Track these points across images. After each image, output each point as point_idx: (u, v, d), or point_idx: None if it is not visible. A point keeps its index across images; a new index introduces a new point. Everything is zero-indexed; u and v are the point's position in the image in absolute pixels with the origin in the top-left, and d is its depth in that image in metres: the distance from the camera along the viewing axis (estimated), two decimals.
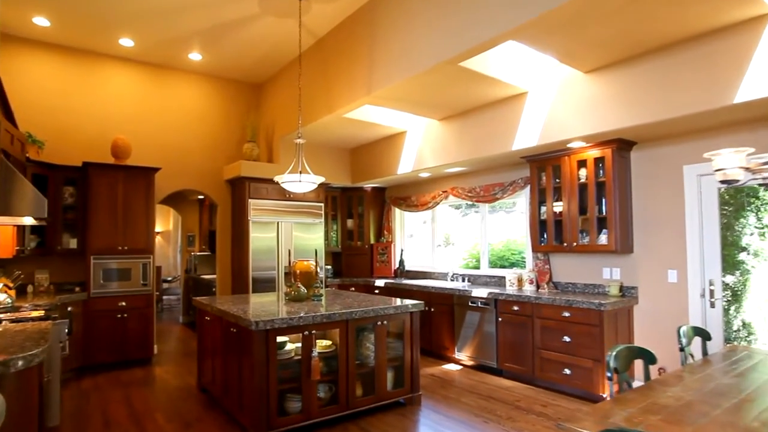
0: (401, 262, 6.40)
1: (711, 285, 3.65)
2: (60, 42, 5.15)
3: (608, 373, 2.01)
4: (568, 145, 4.12)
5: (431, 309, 5.26)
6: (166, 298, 9.91)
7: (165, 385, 4.35)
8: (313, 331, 3.18)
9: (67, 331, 2.98)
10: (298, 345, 3.33)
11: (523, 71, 3.92)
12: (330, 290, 4.82)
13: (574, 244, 4.18)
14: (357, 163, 6.54)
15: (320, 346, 3.38)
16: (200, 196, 8.37)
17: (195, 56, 5.57)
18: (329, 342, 3.49)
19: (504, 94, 4.30)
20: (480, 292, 4.72)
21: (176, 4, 4.41)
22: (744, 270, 3.56)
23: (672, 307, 3.79)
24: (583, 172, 4.21)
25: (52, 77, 5.17)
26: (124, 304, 4.94)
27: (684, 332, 2.59)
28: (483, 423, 3.36)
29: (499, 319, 4.52)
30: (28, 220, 3.71)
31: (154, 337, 5.20)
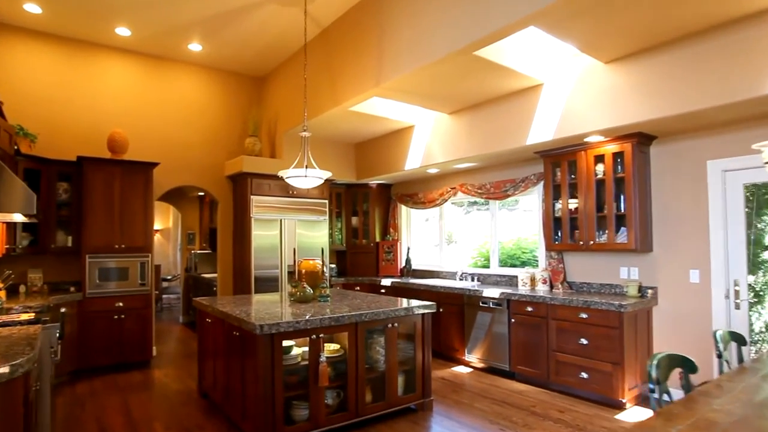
0: (408, 260, 6.23)
1: (736, 285, 3.48)
2: (53, 31, 4.94)
3: (650, 384, 1.83)
4: (586, 139, 3.94)
5: (440, 309, 5.09)
6: (166, 297, 9.73)
7: (164, 389, 4.17)
8: (320, 335, 3.00)
9: (58, 334, 2.80)
10: (305, 349, 3.15)
11: (539, 62, 3.74)
12: (335, 290, 4.64)
13: (591, 243, 4.01)
14: (362, 158, 6.35)
15: (328, 350, 3.21)
16: (200, 193, 8.18)
17: (195, 47, 5.37)
18: (337, 346, 3.32)
19: (518, 86, 4.12)
20: (491, 292, 4.55)
21: None
22: (767, 269, 3.39)
23: (694, 309, 3.62)
24: (600, 167, 4.03)
25: (46, 68, 4.97)
26: (121, 304, 4.76)
27: (721, 337, 2.41)
28: (499, 430, 3.19)
29: (512, 320, 4.35)
30: (18, 217, 3.53)
31: (152, 339, 5.02)
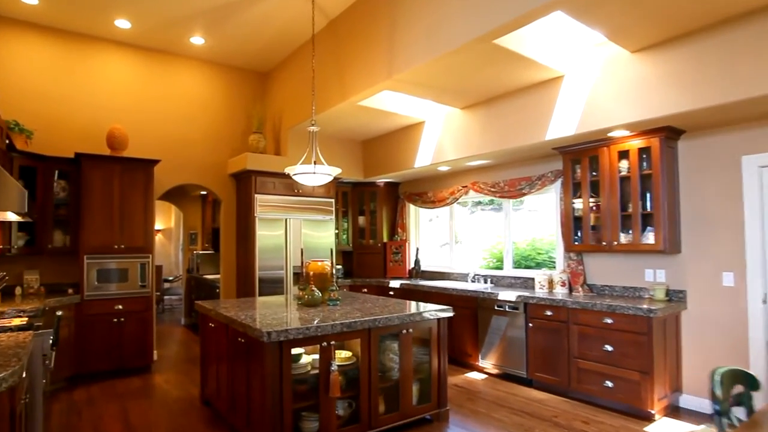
0: (417, 261, 6.03)
1: None
2: (50, 23, 4.76)
3: (715, 405, 1.62)
4: (610, 134, 3.73)
5: (452, 312, 4.87)
6: (168, 298, 9.55)
7: (165, 396, 3.98)
8: (332, 342, 2.80)
9: (51, 341, 2.61)
10: (315, 357, 2.96)
11: (560, 53, 3.54)
12: (343, 293, 4.44)
13: (615, 243, 3.79)
14: (370, 156, 6.15)
15: (339, 357, 3.01)
16: (203, 192, 7.99)
17: (197, 40, 5.18)
18: (349, 353, 3.12)
19: (537, 78, 3.91)
20: (507, 295, 4.34)
21: None
22: None
23: (728, 314, 3.41)
24: (624, 164, 3.82)
25: (42, 61, 4.79)
26: (120, 307, 4.57)
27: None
28: None
29: (530, 324, 4.14)
30: (12, 216, 3.35)
31: (153, 343, 4.83)
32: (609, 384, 3.51)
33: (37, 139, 4.62)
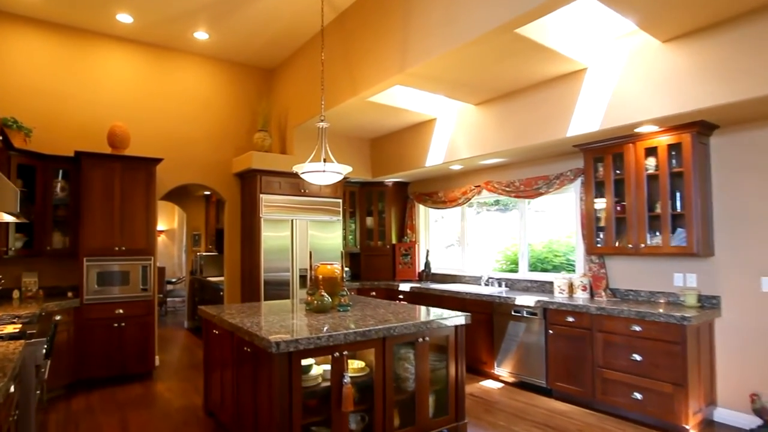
0: (427, 264, 5.82)
1: None
2: (50, 18, 4.60)
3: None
4: (637, 129, 3.52)
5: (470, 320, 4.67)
6: (170, 300, 9.39)
7: (166, 405, 3.80)
8: (344, 352, 2.61)
9: (45, 351, 2.43)
10: (326, 368, 2.76)
11: (583, 44, 3.34)
12: (352, 297, 4.25)
13: (642, 246, 3.58)
14: (378, 155, 5.96)
15: (351, 368, 2.81)
16: (206, 192, 7.83)
17: (201, 35, 5.01)
18: (361, 363, 2.92)
19: (559, 70, 3.71)
20: (525, 300, 4.13)
21: None
22: None
23: (767, 322, 3.19)
24: (651, 161, 3.61)
25: (42, 57, 4.63)
26: (121, 311, 4.40)
27: None
28: None
29: (550, 331, 3.93)
30: (7, 217, 3.17)
31: (155, 348, 4.65)
32: (638, 396, 3.30)
33: (36, 137, 4.46)
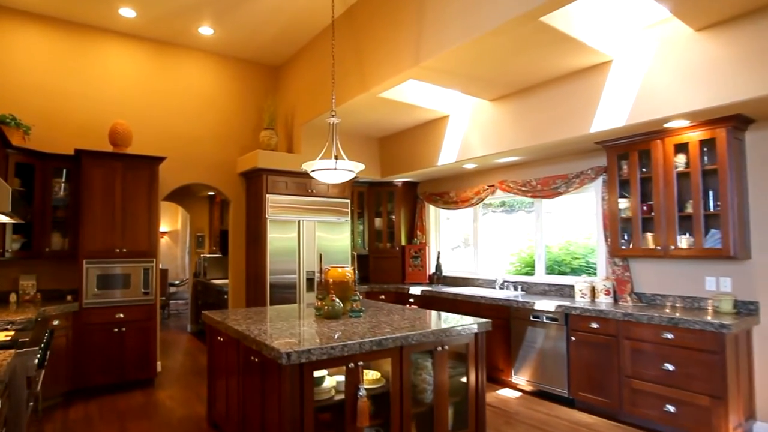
0: (438, 266, 5.63)
1: None
2: (50, 13, 4.44)
3: None
4: (666, 125, 3.32)
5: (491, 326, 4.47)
6: (173, 302, 9.23)
7: (168, 415, 3.61)
8: (359, 363, 2.42)
9: (37, 360, 2.25)
10: (339, 379, 2.57)
11: (608, 34, 3.14)
12: (362, 301, 4.05)
13: (672, 248, 3.37)
14: (387, 154, 5.78)
15: (366, 379, 2.62)
16: (210, 193, 7.66)
17: (206, 30, 4.84)
18: (377, 374, 2.73)
19: (583, 63, 3.51)
20: (544, 304, 3.93)
21: None
22: None
23: None
24: (681, 158, 3.40)
25: (42, 53, 4.47)
26: (122, 316, 4.22)
27: None
28: None
29: (572, 338, 3.72)
30: (1, 218, 3.01)
31: (157, 354, 4.48)
32: (670, 408, 3.09)
33: (35, 135, 4.30)
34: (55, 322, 3.81)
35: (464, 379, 2.96)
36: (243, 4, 4.35)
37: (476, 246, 5.48)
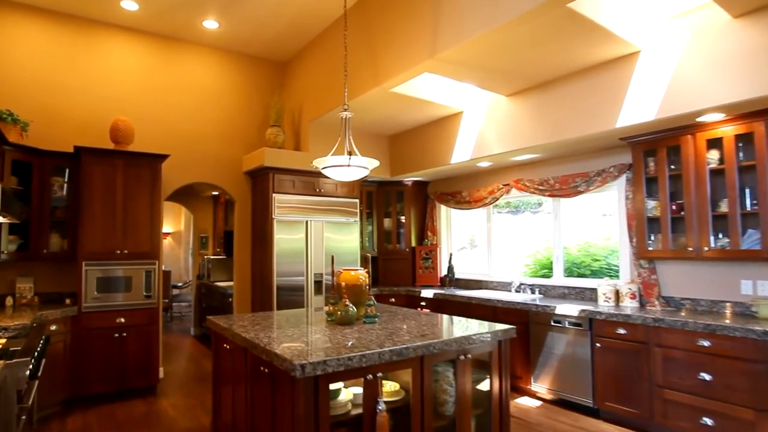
0: (450, 268, 5.43)
1: None
2: (50, 6, 4.28)
3: None
4: (698, 119, 3.13)
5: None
6: (176, 305, 9.05)
7: (171, 426, 3.43)
8: (378, 374, 2.23)
9: (29, 371, 2.08)
10: (355, 391, 2.39)
11: (639, 22, 2.95)
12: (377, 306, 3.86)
13: (705, 249, 3.17)
14: (397, 152, 5.59)
15: (385, 391, 2.43)
16: (214, 192, 7.49)
17: (211, 24, 4.68)
18: (395, 386, 2.54)
19: (609, 54, 3.32)
20: (566, 309, 3.73)
21: None
22: None
23: None
24: (714, 154, 3.21)
25: (41, 47, 4.31)
26: (123, 320, 4.04)
27: None
28: None
29: (597, 344, 3.52)
30: None
31: (159, 360, 4.29)
32: (708, 422, 2.88)
33: (34, 132, 4.13)
34: (53, 327, 3.64)
35: (483, 387, 2.76)
36: None
37: (490, 247, 5.29)
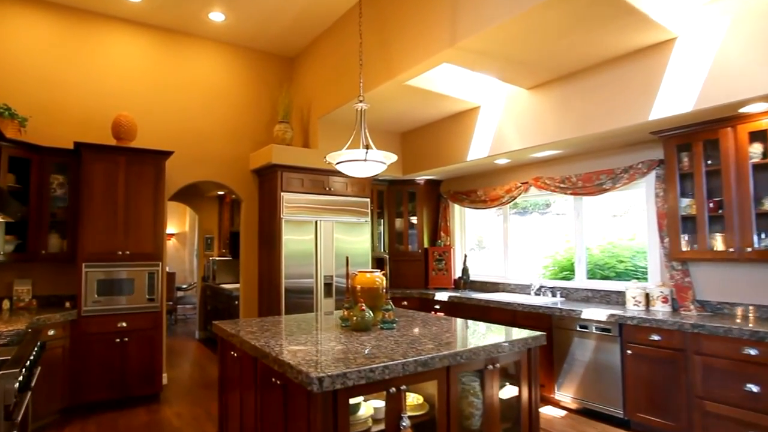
0: (465, 270, 5.22)
1: None
2: None
3: None
4: (741, 110, 2.91)
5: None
6: (181, 307, 8.88)
7: None
8: (402, 387, 2.02)
9: (19, 383, 1.89)
10: (375, 404, 2.18)
11: (676, 6, 2.74)
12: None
13: (748, 250, 2.95)
14: (410, 150, 5.39)
15: (408, 404, 2.22)
16: (220, 192, 7.32)
17: (217, 16, 4.50)
18: (419, 398, 2.33)
19: (642, 41, 3.10)
20: (593, 313, 3.51)
21: None
22: None
23: None
24: (757, 147, 2.99)
25: (40, 40, 4.15)
26: (124, 324, 3.86)
27: None
28: None
29: (628, 351, 3.30)
30: None
31: (163, 366, 4.10)
32: None
33: (33, 128, 3.97)
34: (51, 332, 3.46)
35: (507, 396, 2.55)
36: None
37: (506, 248, 5.07)
